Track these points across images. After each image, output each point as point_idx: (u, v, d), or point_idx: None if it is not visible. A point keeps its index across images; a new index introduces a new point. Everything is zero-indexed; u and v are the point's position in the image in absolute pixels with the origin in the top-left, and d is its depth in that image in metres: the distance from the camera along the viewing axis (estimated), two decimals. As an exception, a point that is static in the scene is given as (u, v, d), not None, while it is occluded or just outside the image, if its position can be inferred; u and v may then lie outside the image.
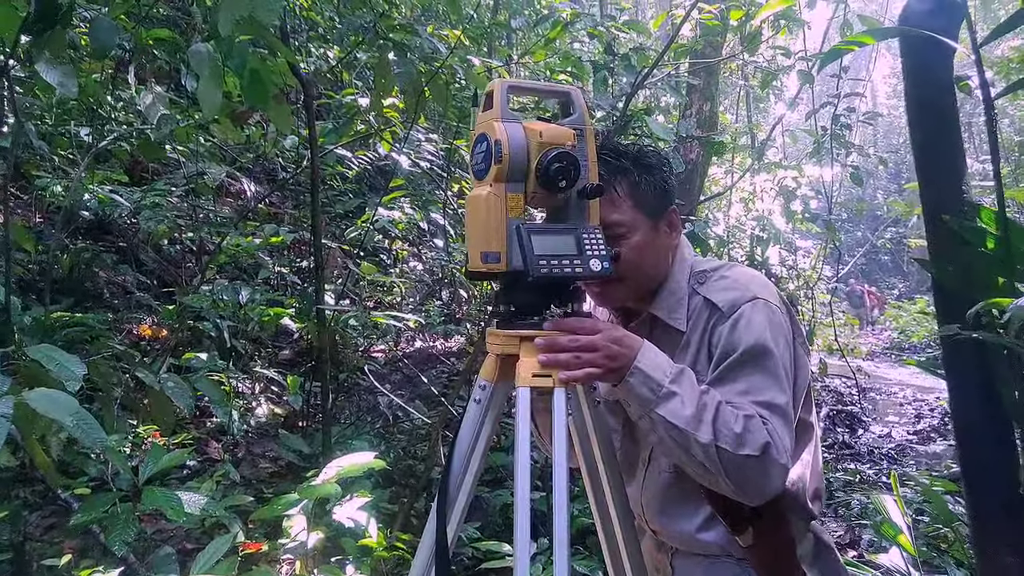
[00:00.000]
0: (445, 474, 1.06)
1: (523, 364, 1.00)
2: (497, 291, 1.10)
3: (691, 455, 1.07)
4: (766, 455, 1.07)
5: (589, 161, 1.08)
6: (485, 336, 1.12)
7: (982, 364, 1.48)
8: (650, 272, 1.30)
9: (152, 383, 2.63)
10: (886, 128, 25.17)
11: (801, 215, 7.46)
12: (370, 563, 2.47)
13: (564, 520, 0.94)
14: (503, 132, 1.03)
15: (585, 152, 1.08)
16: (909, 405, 9.36)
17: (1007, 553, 1.48)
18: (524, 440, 0.96)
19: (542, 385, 0.98)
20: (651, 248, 1.28)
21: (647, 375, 1.06)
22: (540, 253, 1.02)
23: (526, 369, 0.99)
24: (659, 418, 1.07)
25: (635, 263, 1.25)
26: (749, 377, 1.16)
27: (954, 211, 1.49)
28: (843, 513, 4.34)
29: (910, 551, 1.87)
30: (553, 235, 1.05)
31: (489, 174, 1.04)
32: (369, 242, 4.81)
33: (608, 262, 1.04)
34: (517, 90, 1.12)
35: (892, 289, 25.04)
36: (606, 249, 1.05)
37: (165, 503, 2.06)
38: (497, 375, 1.07)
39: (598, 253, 1.04)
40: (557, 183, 1.03)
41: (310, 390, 4.16)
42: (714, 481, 1.09)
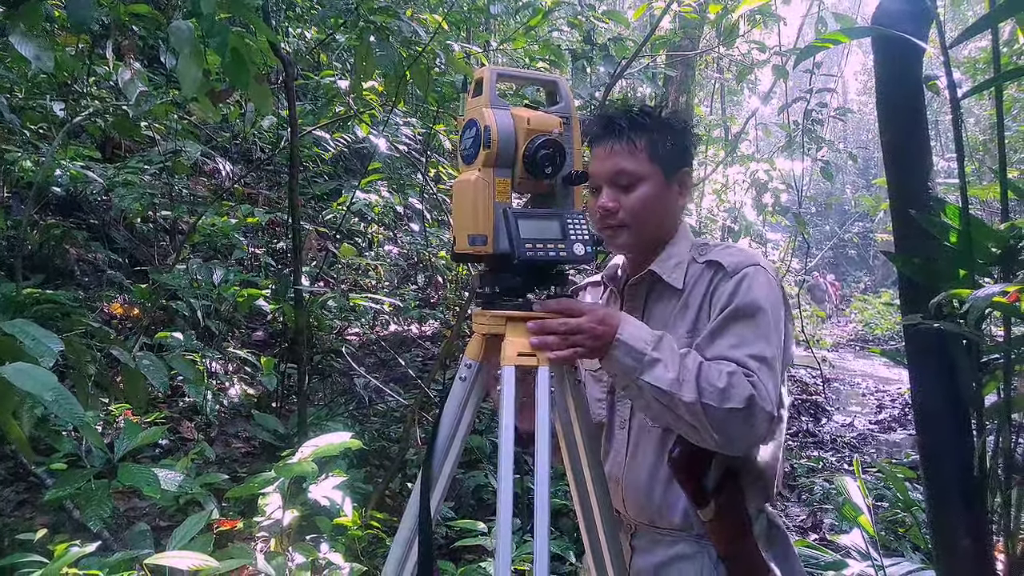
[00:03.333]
0: (430, 448, 1.10)
1: (509, 343, 1.03)
2: (483, 273, 1.12)
3: (678, 415, 1.11)
4: (751, 407, 1.11)
5: (574, 148, 1.11)
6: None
7: (942, 353, 1.54)
8: (654, 224, 1.34)
9: (127, 361, 2.62)
10: (856, 124, 25.55)
11: (772, 208, 7.59)
12: (345, 541, 2.50)
13: (545, 498, 0.97)
14: (492, 118, 1.06)
15: (571, 139, 1.11)
16: (871, 396, 9.60)
17: (963, 536, 1.55)
18: (509, 416, 1.00)
19: (527, 364, 1.02)
20: (659, 201, 1.32)
21: (630, 346, 1.10)
22: (526, 237, 1.05)
23: (511, 348, 1.03)
24: (644, 384, 1.10)
25: (640, 212, 1.29)
26: (741, 332, 1.20)
27: (920, 207, 1.55)
28: (806, 498, 4.47)
29: (870, 532, 1.95)
30: (539, 219, 1.08)
31: (478, 159, 1.07)
32: (345, 225, 4.80)
33: (591, 247, 1.08)
34: (505, 78, 1.14)
35: (858, 282, 25.49)
36: (590, 234, 1.09)
37: (142, 480, 2.06)
38: (482, 354, 1.10)
39: (582, 238, 1.07)
40: (543, 169, 1.07)
41: (285, 371, 4.16)
42: (702, 438, 1.13)
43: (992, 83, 1.47)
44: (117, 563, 1.92)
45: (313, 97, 4.92)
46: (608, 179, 1.30)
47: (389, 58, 2.84)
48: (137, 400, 2.77)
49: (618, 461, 1.38)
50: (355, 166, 7.42)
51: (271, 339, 5.19)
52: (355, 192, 4.26)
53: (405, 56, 3.09)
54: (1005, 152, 1.55)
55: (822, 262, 19.72)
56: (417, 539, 1.07)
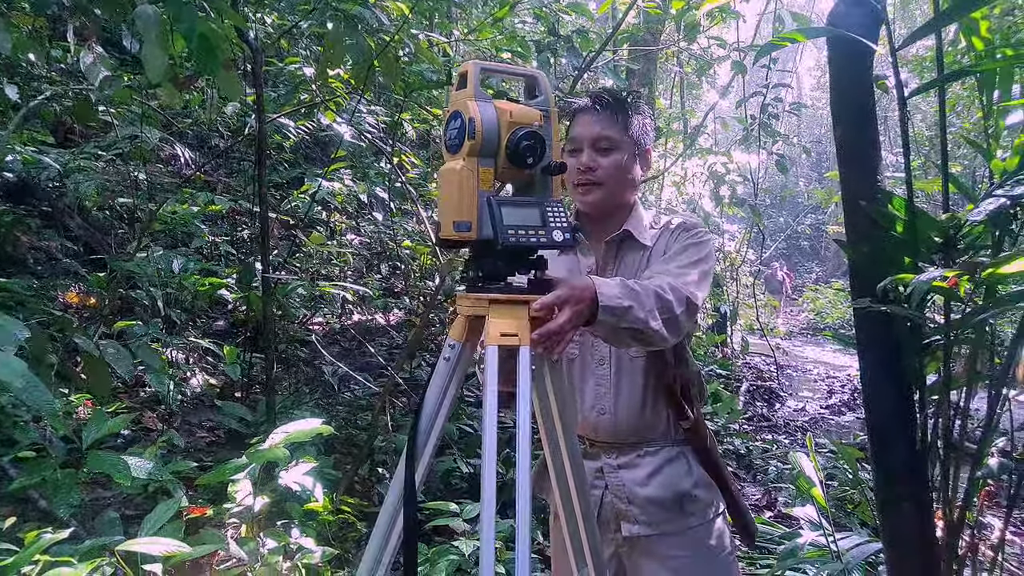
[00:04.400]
0: (414, 425, 1.15)
1: (491, 324, 1.09)
2: (467, 257, 1.18)
3: (648, 337, 1.31)
4: (689, 307, 1.38)
5: (554, 140, 1.17)
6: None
7: (889, 335, 1.64)
8: (622, 187, 1.60)
9: (91, 349, 2.60)
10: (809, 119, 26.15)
11: (728, 200, 7.76)
12: (315, 526, 2.53)
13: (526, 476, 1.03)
14: (476, 111, 1.11)
15: (550, 132, 1.16)
16: (822, 382, 9.92)
17: (906, 503, 1.66)
18: (492, 394, 1.05)
19: (509, 343, 1.07)
20: (628, 169, 1.59)
21: (611, 307, 1.24)
22: (508, 223, 1.11)
23: (494, 329, 1.08)
24: (624, 331, 1.27)
25: (614, 174, 1.56)
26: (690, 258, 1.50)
27: (869, 199, 1.64)
28: (761, 478, 4.63)
29: (821, 503, 2.06)
30: (520, 207, 1.13)
31: (462, 149, 1.12)
32: (309, 214, 4.78)
33: (570, 233, 1.14)
34: (489, 71, 1.19)
35: (810, 273, 26.17)
36: (567, 221, 1.15)
37: (111, 467, 2.07)
38: (466, 335, 1.16)
39: (560, 225, 1.13)
40: (525, 159, 1.12)
41: (249, 361, 4.14)
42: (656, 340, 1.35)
43: (936, 83, 1.57)
44: (88, 550, 1.92)
45: (275, 84, 4.87)
46: (591, 142, 1.55)
47: (358, 47, 2.85)
48: (101, 389, 2.75)
49: (603, 393, 1.60)
50: (316, 154, 7.36)
51: (233, 329, 5.15)
52: (320, 181, 4.24)
53: (373, 46, 3.10)
54: (947, 148, 1.66)
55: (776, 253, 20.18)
56: (402, 512, 1.13)
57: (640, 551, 1.59)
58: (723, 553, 1.61)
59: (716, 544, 1.60)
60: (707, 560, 1.58)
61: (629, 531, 1.57)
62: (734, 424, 5.77)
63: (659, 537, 1.57)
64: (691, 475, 1.59)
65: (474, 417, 4.27)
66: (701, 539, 1.58)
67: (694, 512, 1.58)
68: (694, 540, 1.57)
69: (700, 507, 1.58)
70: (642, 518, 1.56)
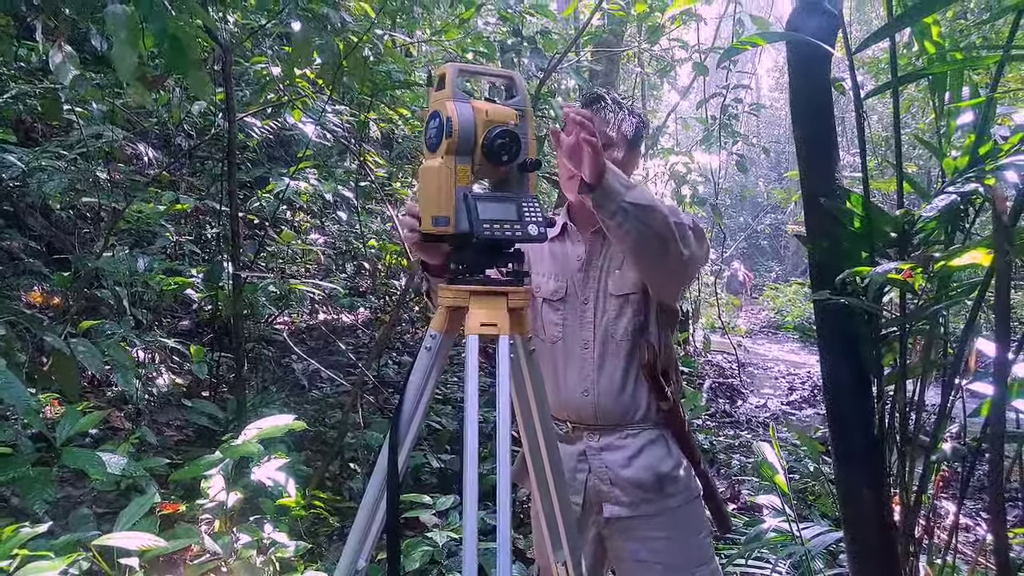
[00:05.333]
0: (397, 412, 1.18)
1: (472, 315, 1.13)
2: (448, 251, 1.22)
3: (655, 229, 1.38)
4: (699, 229, 1.51)
5: (529, 138, 1.21)
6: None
7: (847, 327, 1.72)
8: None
9: (61, 347, 2.58)
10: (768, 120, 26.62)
11: (690, 199, 7.89)
12: (288, 521, 2.54)
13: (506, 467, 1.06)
14: (454, 110, 1.15)
15: (525, 130, 1.21)
16: (783, 379, 10.13)
17: (865, 488, 1.74)
18: (473, 382, 1.09)
19: (489, 333, 1.12)
20: (619, 165, 1.57)
21: (616, 173, 1.34)
22: (484, 218, 1.15)
23: (475, 319, 1.12)
24: (629, 205, 1.34)
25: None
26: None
27: (828, 195, 1.72)
28: (724, 471, 4.74)
29: (784, 489, 2.14)
30: (496, 202, 1.18)
31: (440, 147, 1.16)
32: (275, 213, 4.76)
33: (543, 228, 1.18)
34: (466, 73, 1.23)
35: (769, 272, 26.65)
36: (542, 216, 1.19)
37: (86, 462, 2.06)
38: (446, 326, 1.20)
39: (535, 219, 1.18)
40: (500, 157, 1.16)
41: (218, 360, 4.11)
42: (670, 251, 1.42)
43: (890, 85, 1.65)
44: (64, 545, 1.92)
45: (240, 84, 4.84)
46: None
47: (328, 46, 2.87)
48: (70, 387, 2.73)
49: (586, 375, 1.65)
50: (280, 154, 7.30)
51: (198, 328, 5.10)
52: (288, 180, 4.23)
53: (341, 46, 3.11)
54: (902, 147, 1.75)
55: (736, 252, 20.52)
56: (384, 498, 1.16)
57: (621, 532, 1.65)
58: (700, 535, 1.67)
59: (694, 525, 1.67)
60: (685, 540, 1.65)
61: (611, 512, 1.63)
62: (697, 420, 5.89)
63: (639, 518, 1.63)
64: (671, 457, 1.65)
65: (442, 414, 4.30)
66: (679, 520, 1.65)
67: (673, 493, 1.64)
68: (673, 521, 1.64)
69: (679, 488, 1.65)
70: (623, 499, 1.62)
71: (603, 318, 1.66)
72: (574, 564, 1.28)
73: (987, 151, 1.60)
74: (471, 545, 1.02)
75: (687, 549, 1.65)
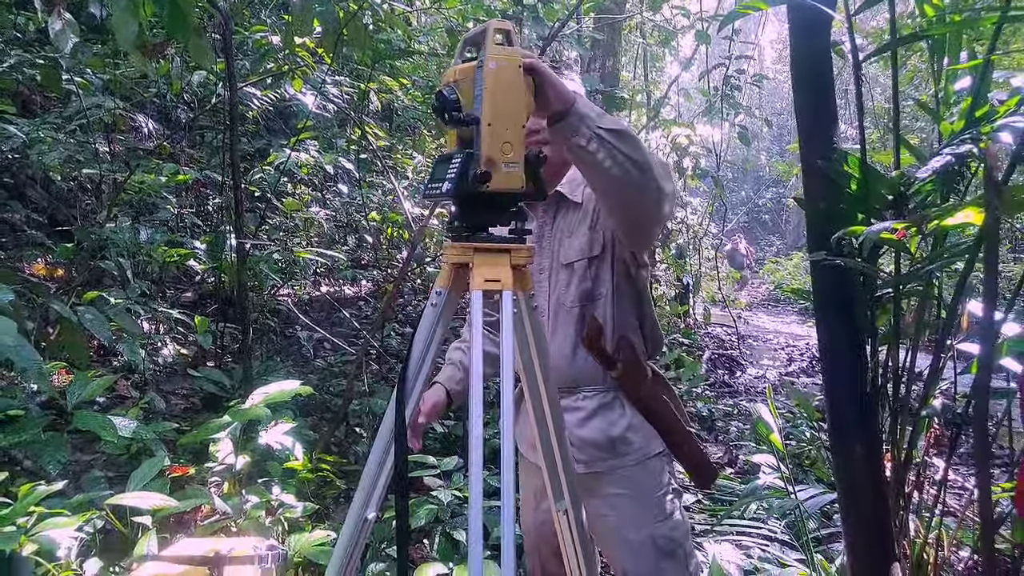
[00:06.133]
0: (404, 367, 1.22)
1: (476, 271, 1.16)
2: (452, 210, 1.24)
3: (632, 156, 1.32)
4: (665, 164, 1.43)
5: (484, 89, 1.14)
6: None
7: (842, 288, 1.76)
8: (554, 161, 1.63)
9: (68, 315, 2.62)
10: (771, 93, 26.44)
11: (692, 171, 7.88)
12: (295, 484, 2.60)
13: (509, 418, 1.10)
14: (445, 79, 1.19)
15: (476, 83, 1.16)
16: (782, 350, 10.19)
17: (857, 444, 1.79)
18: (477, 335, 1.12)
19: (493, 288, 1.15)
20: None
21: (586, 101, 1.32)
22: (434, 177, 1.19)
23: (479, 275, 1.15)
24: (603, 131, 1.29)
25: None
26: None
27: (826, 158, 1.75)
28: (722, 438, 4.81)
29: (779, 447, 2.19)
30: (444, 162, 1.20)
31: None
32: (276, 185, 4.77)
33: (452, 184, 1.15)
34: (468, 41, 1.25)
35: (770, 246, 26.65)
36: (457, 172, 1.16)
37: (98, 425, 2.11)
38: (451, 283, 1.23)
39: (449, 176, 1.16)
40: (442, 116, 1.18)
41: (222, 331, 4.16)
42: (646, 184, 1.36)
43: (889, 47, 1.67)
44: (78, 504, 1.97)
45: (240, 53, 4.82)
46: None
47: (328, 14, 2.86)
48: (79, 355, 2.77)
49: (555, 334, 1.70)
50: (279, 127, 7.29)
51: (201, 300, 5.14)
52: (288, 151, 4.23)
53: (340, 15, 3.10)
54: (901, 116, 1.76)
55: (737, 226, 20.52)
56: (393, 449, 1.20)
57: (583, 490, 1.69)
58: (659, 492, 1.72)
59: (652, 483, 1.71)
60: (643, 497, 1.70)
61: None
62: (696, 388, 5.95)
63: (596, 475, 1.69)
64: (624, 419, 1.70)
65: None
66: (635, 477, 1.70)
67: (627, 452, 1.69)
68: (630, 479, 1.69)
69: (633, 448, 1.69)
70: (580, 457, 1.68)
71: (555, 287, 1.71)
72: (575, 512, 1.32)
73: (983, 114, 1.62)
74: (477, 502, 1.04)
75: (645, 505, 1.70)
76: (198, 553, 1.88)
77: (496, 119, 1.13)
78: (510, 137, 1.14)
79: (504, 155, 1.14)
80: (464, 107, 1.16)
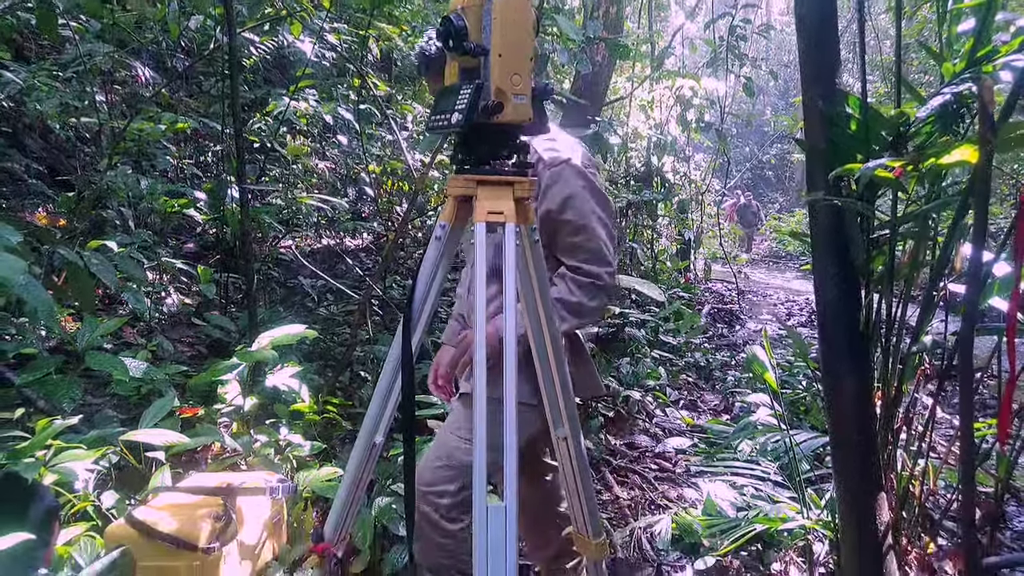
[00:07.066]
0: (409, 299, 1.25)
1: (479, 204, 1.18)
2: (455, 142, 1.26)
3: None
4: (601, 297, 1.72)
5: (493, 19, 1.14)
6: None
7: (839, 229, 1.78)
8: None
9: (75, 260, 2.65)
10: (778, 46, 26.01)
11: (695, 124, 7.82)
12: (302, 425, 2.66)
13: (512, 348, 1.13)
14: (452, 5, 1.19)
15: (490, 14, 1.15)
16: (782, 305, 10.27)
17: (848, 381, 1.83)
18: (481, 266, 1.15)
19: (496, 220, 1.17)
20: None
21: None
22: (438, 109, 1.20)
23: (482, 208, 1.18)
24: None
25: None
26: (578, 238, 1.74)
27: (826, 99, 1.76)
28: (720, 387, 4.89)
29: (772, 386, 2.25)
30: (448, 94, 1.20)
31: None
32: (276, 135, 4.75)
33: (463, 114, 1.15)
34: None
35: (773, 203, 26.55)
36: (468, 104, 1.16)
37: (110, 366, 2.15)
38: (455, 216, 1.25)
39: (460, 107, 1.16)
40: (447, 44, 1.18)
41: (226, 281, 4.19)
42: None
43: (892, -12, 1.66)
44: (92, 440, 2.03)
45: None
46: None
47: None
48: (86, 300, 2.80)
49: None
50: (276, 77, 7.21)
51: (203, 251, 5.16)
52: (288, 100, 4.21)
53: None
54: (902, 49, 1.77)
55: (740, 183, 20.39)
56: (400, 377, 1.24)
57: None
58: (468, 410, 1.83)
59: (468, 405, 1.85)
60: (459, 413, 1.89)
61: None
62: (695, 340, 6.02)
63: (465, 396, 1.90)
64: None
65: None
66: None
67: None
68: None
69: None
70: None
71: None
72: (574, 440, 1.37)
73: (985, 54, 1.62)
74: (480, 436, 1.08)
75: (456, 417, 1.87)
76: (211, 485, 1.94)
77: (507, 49, 1.13)
78: (519, 68, 1.15)
79: (514, 86, 1.15)
80: (471, 36, 1.16)
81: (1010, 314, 1.29)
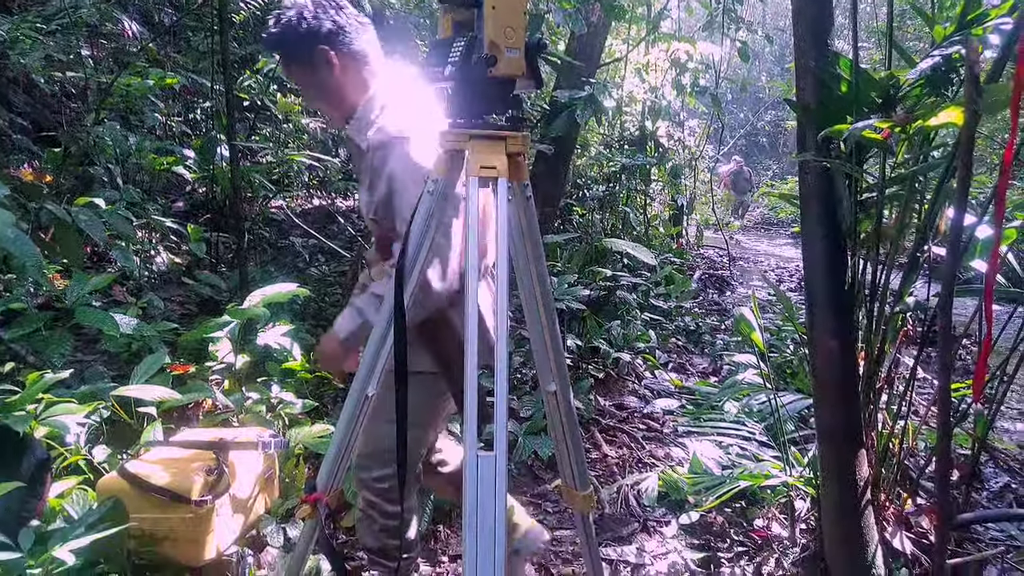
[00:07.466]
0: (402, 254, 1.26)
1: (472, 158, 1.18)
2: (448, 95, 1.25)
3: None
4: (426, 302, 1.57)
5: None
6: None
7: (828, 190, 1.79)
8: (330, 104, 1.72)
9: (63, 216, 2.63)
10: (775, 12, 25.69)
11: (690, 88, 7.76)
12: (293, 383, 2.68)
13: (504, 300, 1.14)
14: None
15: None
16: (772, 272, 10.32)
17: (831, 339, 1.86)
18: (474, 224, 1.15)
19: (488, 175, 1.17)
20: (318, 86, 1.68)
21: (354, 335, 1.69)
22: (430, 63, 1.20)
23: (474, 162, 1.18)
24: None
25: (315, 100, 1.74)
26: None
27: (819, 60, 1.75)
28: (708, 351, 4.95)
29: (759, 345, 2.28)
30: (440, 47, 1.20)
31: None
32: (267, 93, 4.69)
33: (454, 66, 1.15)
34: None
35: (767, 170, 26.47)
36: (459, 55, 1.16)
37: (99, 321, 2.16)
38: (446, 171, 1.25)
39: (452, 60, 1.16)
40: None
41: (216, 240, 4.18)
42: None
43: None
44: (83, 395, 2.04)
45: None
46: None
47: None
48: (73, 256, 2.79)
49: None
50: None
51: (193, 211, 5.13)
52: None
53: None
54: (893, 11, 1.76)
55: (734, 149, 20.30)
56: (392, 327, 1.26)
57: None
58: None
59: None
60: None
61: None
62: (685, 304, 6.06)
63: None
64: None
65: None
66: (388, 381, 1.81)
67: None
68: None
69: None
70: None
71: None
72: (563, 394, 1.40)
73: (975, 17, 1.62)
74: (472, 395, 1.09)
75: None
76: (203, 440, 1.97)
77: (500, 1, 1.12)
78: (512, 22, 1.14)
79: (507, 39, 1.14)
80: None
81: (988, 276, 1.31)
